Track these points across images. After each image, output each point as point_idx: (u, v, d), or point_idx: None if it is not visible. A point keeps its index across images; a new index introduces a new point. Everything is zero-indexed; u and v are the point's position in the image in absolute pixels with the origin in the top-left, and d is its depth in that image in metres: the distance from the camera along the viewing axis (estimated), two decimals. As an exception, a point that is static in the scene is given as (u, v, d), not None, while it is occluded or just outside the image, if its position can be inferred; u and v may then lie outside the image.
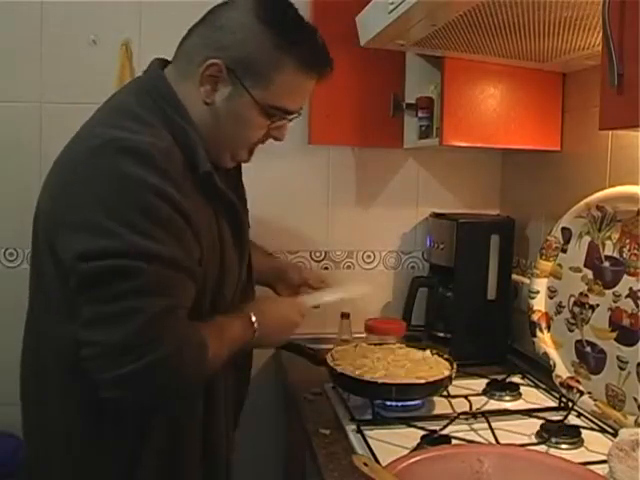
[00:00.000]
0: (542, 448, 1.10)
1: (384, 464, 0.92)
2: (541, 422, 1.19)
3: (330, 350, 1.37)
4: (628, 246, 1.19)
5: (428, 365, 1.31)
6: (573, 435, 1.14)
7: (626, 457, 0.87)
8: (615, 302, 1.21)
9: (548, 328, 1.40)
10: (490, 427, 1.16)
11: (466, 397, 1.32)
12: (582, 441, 1.14)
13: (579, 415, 1.26)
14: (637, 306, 1.16)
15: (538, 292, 1.42)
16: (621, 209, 1.21)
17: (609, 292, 1.23)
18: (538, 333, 1.41)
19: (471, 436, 1.15)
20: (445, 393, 1.29)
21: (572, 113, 1.54)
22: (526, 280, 1.56)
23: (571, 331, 1.33)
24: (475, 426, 1.20)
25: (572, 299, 1.33)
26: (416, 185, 1.86)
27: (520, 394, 1.37)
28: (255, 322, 1.06)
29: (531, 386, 1.43)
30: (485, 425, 1.18)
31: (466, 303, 1.62)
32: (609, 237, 1.24)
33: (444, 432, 1.13)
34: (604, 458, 0.93)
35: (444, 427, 1.16)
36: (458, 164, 1.86)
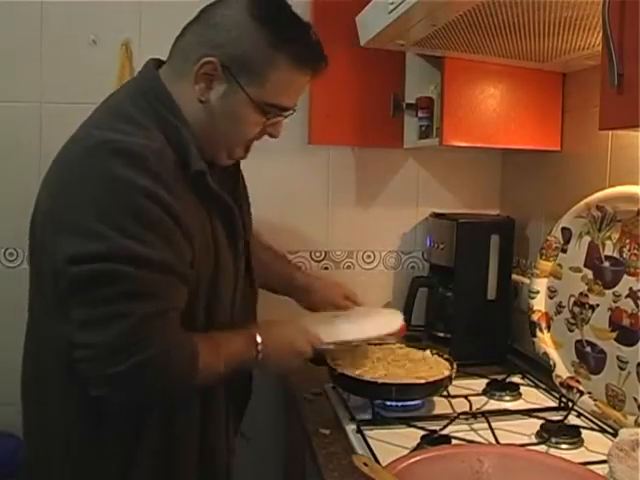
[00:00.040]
0: (542, 448, 1.10)
1: (384, 464, 0.92)
2: (541, 422, 1.19)
3: (330, 350, 1.37)
4: (628, 246, 1.19)
5: (428, 365, 1.31)
6: (573, 435, 1.14)
7: (626, 457, 0.87)
8: (615, 302, 1.21)
9: (548, 328, 1.40)
10: (490, 427, 1.16)
11: (466, 397, 1.32)
12: (582, 441, 1.14)
13: (579, 415, 1.26)
14: (637, 306, 1.16)
15: (538, 292, 1.42)
16: (621, 209, 1.21)
17: (609, 292, 1.23)
18: (538, 333, 1.41)
19: (471, 436, 1.15)
20: (445, 393, 1.29)
21: (572, 113, 1.54)
22: (526, 280, 1.56)
23: (571, 331, 1.33)
24: (475, 426, 1.20)
25: (572, 299, 1.33)
26: (416, 185, 1.86)
27: (520, 394, 1.37)
28: (260, 342, 1.05)
29: (531, 386, 1.43)
30: (485, 425, 1.18)
31: (466, 303, 1.62)
32: (609, 237, 1.24)
33: (444, 432, 1.13)
34: (604, 458, 0.93)
35: (444, 427, 1.16)
36: (458, 164, 1.86)
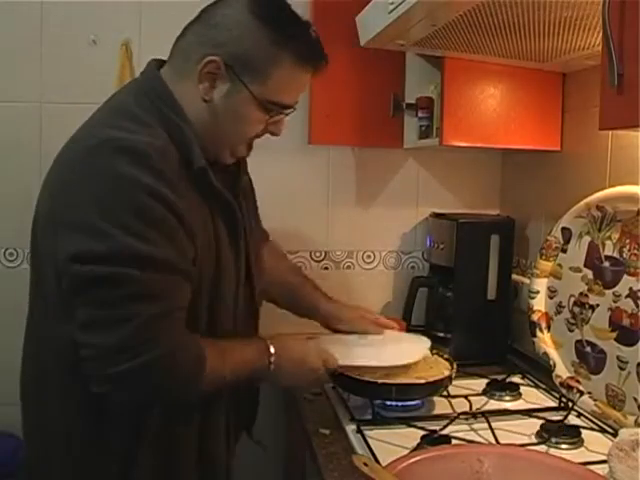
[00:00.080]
0: (542, 448, 1.10)
1: (384, 464, 0.92)
2: (541, 422, 1.19)
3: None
4: (628, 246, 1.19)
5: (428, 365, 1.31)
6: (573, 435, 1.14)
7: (626, 457, 0.87)
8: (615, 302, 1.21)
9: (548, 328, 1.40)
10: (490, 427, 1.16)
11: (466, 397, 1.32)
12: (582, 441, 1.14)
13: (579, 415, 1.26)
14: (637, 306, 1.16)
15: (538, 292, 1.42)
16: (621, 209, 1.21)
17: (609, 292, 1.23)
18: (538, 333, 1.41)
19: (471, 436, 1.15)
20: (445, 393, 1.29)
21: (572, 113, 1.54)
22: (526, 280, 1.56)
23: (571, 331, 1.33)
24: (475, 426, 1.20)
25: (572, 299, 1.33)
26: (416, 185, 1.86)
27: (520, 394, 1.37)
28: (273, 353, 1.04)
29: (531, 386, 1.43)
30: (485, 425, 1.18)
31: (466, 303, 1.62)
32: (609, 237, 1.24)
33: (444, 432, 1.13)
34: (604, 458, 0.93)
35: (444, 427, 1.16)
36: (458, 164, 1.86)
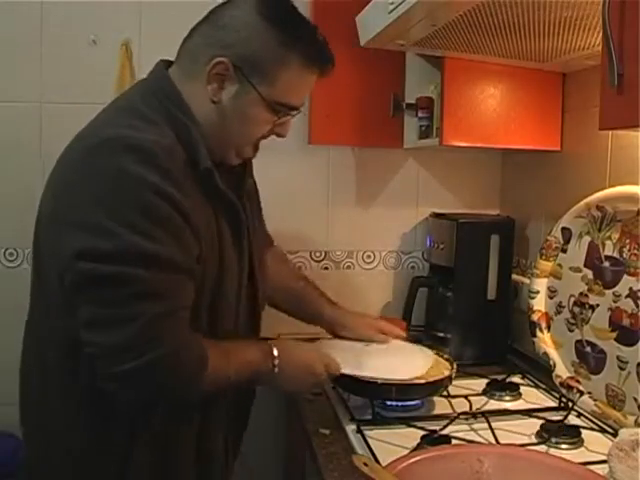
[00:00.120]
0: (542, 448, 1.10)
1: (384, 464, 0.92)
2: (541, 422, 1.19)
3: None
4: (628, 246, 1.19)
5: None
6: (573, 435, 1.14)
7: (626, 457, 0.87)
8: (615, 302, 1.21)
9: (548, 328, 1.40)
10: (490, 427, 1.16)
11: (466, 397, 1.32)
12: (582, 441, 1.14)
13: (579, 415, 1.26)
14: (637, 306, 1.16)
15: (538, 292, 1.42)
16: (621, 209, 1.21)
17: (609, 292, 1.23)
18: (538, 333, 1.41)
19: (471, 436, 1.15)
20: (445, 393, 1.29)
21: (572, 113, 1.54)
22: (526, 280, 1.56)
23: (571, 331, 1.33)
24: (475, 426, 1.20)
25: (572, 299, 1.33)
26: (416, 185, 1.86)
27: (520, 394, 1.37)
28: (277, 356, 1.04)
29: (531, 386, 1.43)
30: (485, 425, 1.18)
31: (466, 303, 1.62)
32: (609, 237, 1.24)
33: (444, 432, 1.13)
34: (604, 458, 0.93)
35: (444, 427, 1.16)
36: (458, 164, 1.86)
